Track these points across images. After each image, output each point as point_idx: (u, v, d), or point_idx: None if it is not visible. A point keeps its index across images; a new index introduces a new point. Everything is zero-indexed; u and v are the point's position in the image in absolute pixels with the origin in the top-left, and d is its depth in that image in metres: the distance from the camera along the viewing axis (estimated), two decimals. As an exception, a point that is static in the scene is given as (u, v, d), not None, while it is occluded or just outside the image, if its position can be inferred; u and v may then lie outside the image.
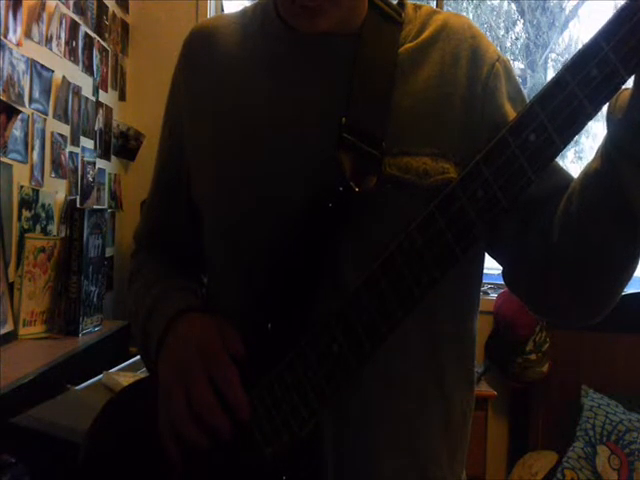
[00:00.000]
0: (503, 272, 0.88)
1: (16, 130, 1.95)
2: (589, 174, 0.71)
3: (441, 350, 0.85)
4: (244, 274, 0.85)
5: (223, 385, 0.77)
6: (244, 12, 0.95)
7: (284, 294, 0.80)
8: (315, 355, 0.74)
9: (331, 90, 0.83)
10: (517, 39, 4.83)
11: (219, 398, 0.77)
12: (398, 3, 0.90)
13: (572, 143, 0.69)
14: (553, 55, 4.88)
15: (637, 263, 0.75)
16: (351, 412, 0.80)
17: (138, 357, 2.00)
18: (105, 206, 2.73)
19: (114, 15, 2.86)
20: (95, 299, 2.25)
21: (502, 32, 4.80)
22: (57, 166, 2.26)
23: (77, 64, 2.45)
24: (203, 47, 0.92)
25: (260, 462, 0.78)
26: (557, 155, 0.63)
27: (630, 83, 0.62)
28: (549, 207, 0.78)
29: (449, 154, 0.81)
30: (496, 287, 3.02)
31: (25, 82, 2.00)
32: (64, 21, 2.31)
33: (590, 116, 0.60)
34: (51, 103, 2.20)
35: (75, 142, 2.43)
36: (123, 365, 1.95)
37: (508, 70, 0.87)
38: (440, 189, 0.76)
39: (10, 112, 1.92)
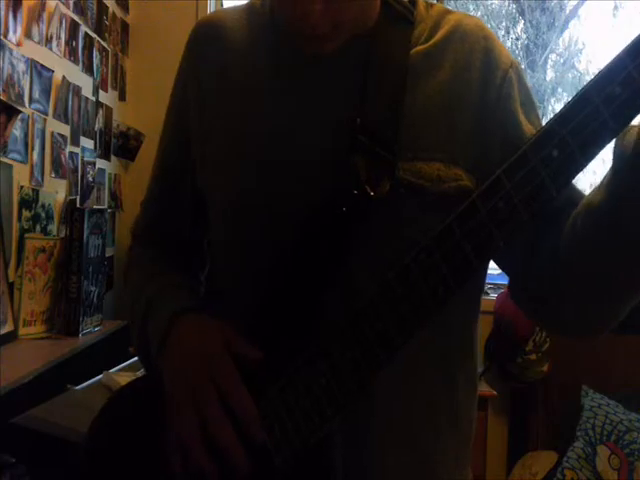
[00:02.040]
0: (509, 284, 0.88)
1: (16, 130, 1.95)
2: (594, 204, 0.71)
3: (450, 356, 0.85)
4: (254, 276, 0.84)
5: (236, 409, 0.75)
6: (250, 6, 0.93)
7: (294, 297, 0.79)
8: (327, 362, 0.73)
9: (344, 92, 0.82)
10: (517, 39, 4.83)
11: (232, 419, 0.75)
12: (409, 1, 0.89)
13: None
14: (553, 55, 4.88)
15: (639, 294, 0.75)
16: (361, 418, 0.79)
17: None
18: (105, 206, 2.73)
19: (114, 15, 2.86)
20: (95, 299, 2.25)
21: (502, 32, 4.80)
22: (57, 166, 2.26)
23: (77, 64, 2.45)
24: (209, 40, 0.90)
25: (270, 469, 0.76)
26: (580, 171, 0.63)
27: None
28: (558, 223, 0.77)
29: (460, 160, 0.80)
30: (496, 287, 3.02)
31: (25, 82, 2.00)
32: (64, 21, 2.31)
33: (614, 134, 0.60)
34: (51, 103, 2.20)
35: (75, 142, 2.43)
36: (123, 365, 1.95)
37: (520, 75, 0.86)
38: (453, 196, 0.76)
39: (10, 112, 1.91)
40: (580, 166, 0.62)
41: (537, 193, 0.63)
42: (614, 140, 0.63)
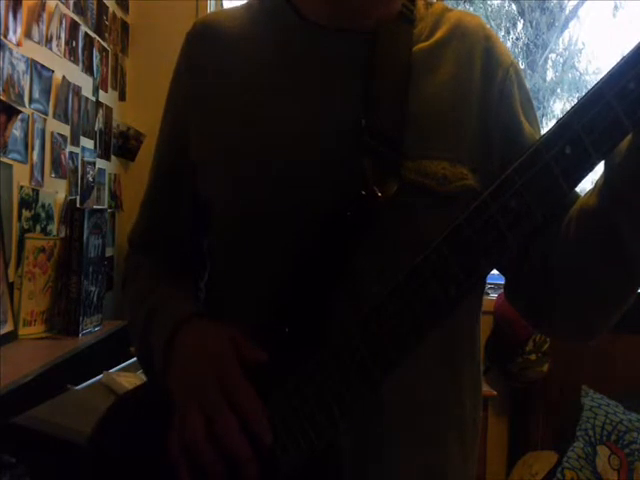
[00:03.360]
0: (505, 286, 0.88)
1: (16, 130, 1.95)
2: (586, 209, 0.71)
3: (455, 356, 0.84)
4: (258, 280, 0.83)
5: (243, 409, 0.74)
6: (250, 5, 0.92)
7: (302, 300, 0.78)
8: (336, 365, 0.72)
9: (347, 91, 0.82)
10: (517, 39, 4.83)
11: (239, 419, 0.74)
12: None
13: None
14: (553, 55, 4.88)
15: (632, 298, 0.75)
16: (368, 421, 0.78)
17: (138, 357, 2.00)
18: (105, 206, 2.73)
19: (114, 15, 2.86)
20: (95, 299, 2.25)
21: (502, 32, 4.80)
22: (57, 166, 2.26)
23: (77, 64, 2.45)
24: (207, 39, 0.89)
25: (276, 473, 0.76)
26: (593, 168, 0.62)
27: None
28: (551, 225, 0.77)
29: (465, 159, 0.80)
30: (496, 287, 3.01)
31: (25, 82, 2.00)
32: (64, 21, 2.31)
33: (628, 131, 0.59)
34: (51, 103, 2.20)
35: (75, 142, 2.43)
36: (123, 365, 1.95)
37: (520, 75, 0.86)
38: (460, 196, 0.75)
39: (10, 112, 1.91)
40: (593, 163, 0.61)
41: (550, 191, 0.62)
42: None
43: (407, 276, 0.69)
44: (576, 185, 0.63)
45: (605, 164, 0.67)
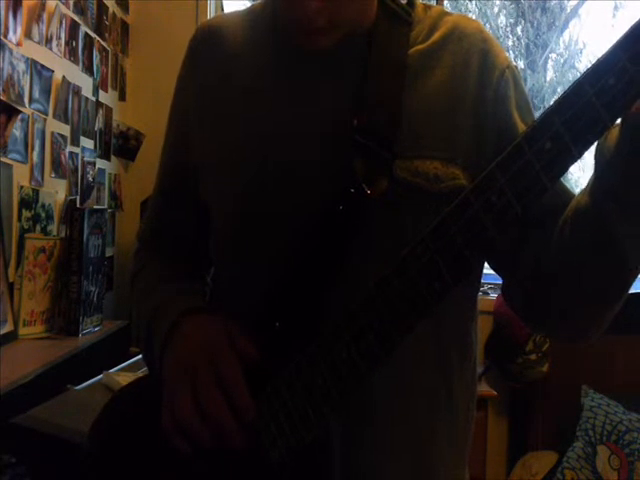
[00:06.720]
0: (502, 287, 0.88)
1: (16, 130, 1.95)
2: (580, 209, 0.72)
3: (447, 355, 0.85)
4: (253, 275, 0.85)
5: (229, 386, 0.76)
6: (252, 10, 0.94)
7: (293, 295, 0.79)
8: (325, 360, 0.73)
9: (343, 91, 0.83)
10: (518, 39, 4.83)
11: (226, 397, 0.76)
12: (407, 2, 0.89)
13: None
14: (553, 55, 4.89)
15: (624, 297, 0.75)
16: (358, 417, 0.79)
17: (138, 357, 2.01)
18: (105, 206, 2.74)
19: (114, 15, 2.86)
20: (95, 299, 2.25)
21: (503, 33, 4.80)
22: (57, 166, 2.26)
23: (77, 64, 2.45)
24: (210, 46, 0.91)
25: (266, 466, 0.77)
26: (573, 163, 0.62)
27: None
28: (546, 226, 0.78)
29: (459, 159, 0.80)
30: (496, 287, 3.01)
31: (25, 82, 2.00)
32: (64, 21, 2.31)
33: (607, 126, 0.59)
34: (51, 103, 2.20)
35: (75, 142, 2.43)
36: (123, 365, 1.95)
37: (517, 78, 0.86)
38: (450, 196, 0.76)
39: (10, 112, 1.92)
40: (574, 158, 0.61)
41: (531, 186, 0.63)
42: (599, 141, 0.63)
43: (393, 271, 0.70)
44: (557, 179, 0.63)
45: (595, 162, 0.67)
